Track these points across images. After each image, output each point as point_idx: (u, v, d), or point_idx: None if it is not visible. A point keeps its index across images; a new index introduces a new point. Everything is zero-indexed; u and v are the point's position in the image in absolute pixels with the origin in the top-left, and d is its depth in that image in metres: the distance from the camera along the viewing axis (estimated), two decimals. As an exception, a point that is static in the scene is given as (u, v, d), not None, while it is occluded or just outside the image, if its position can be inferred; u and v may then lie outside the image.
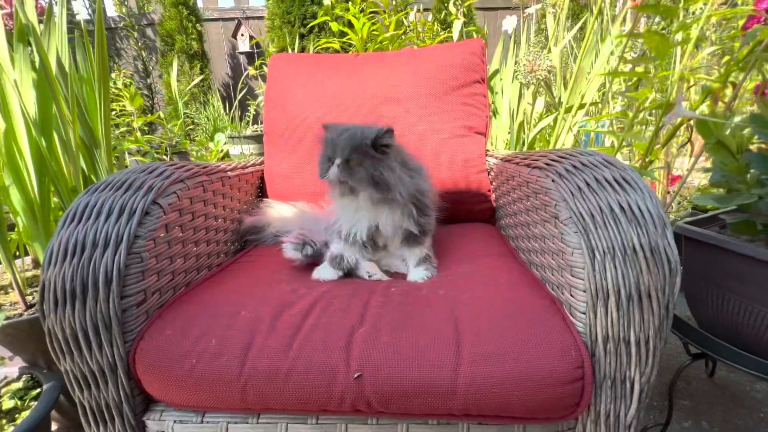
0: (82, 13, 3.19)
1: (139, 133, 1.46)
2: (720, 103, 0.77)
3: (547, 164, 0.62)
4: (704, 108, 0.82)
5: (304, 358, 0.50)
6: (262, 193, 1.06)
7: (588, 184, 0.53)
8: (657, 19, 1.12)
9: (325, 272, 0.71)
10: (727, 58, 0.77)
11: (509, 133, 1.54)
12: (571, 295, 0.52)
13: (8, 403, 0.72)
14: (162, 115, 1.88)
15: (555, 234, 0.57)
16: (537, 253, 0.67)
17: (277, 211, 0.97)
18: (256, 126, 2.86)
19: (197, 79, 2.90)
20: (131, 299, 0.54)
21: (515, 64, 1.43)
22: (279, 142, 1.04)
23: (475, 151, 0.98)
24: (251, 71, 2.54)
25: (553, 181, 0.59)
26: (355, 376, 0.48)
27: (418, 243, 0.73)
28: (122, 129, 1.47)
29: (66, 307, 0.50)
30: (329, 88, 1.02)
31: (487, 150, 1.03)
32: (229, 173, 0.85)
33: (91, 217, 0.54)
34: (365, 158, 0.63)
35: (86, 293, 0.50)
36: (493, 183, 0.98)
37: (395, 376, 0.48)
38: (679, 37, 0.80)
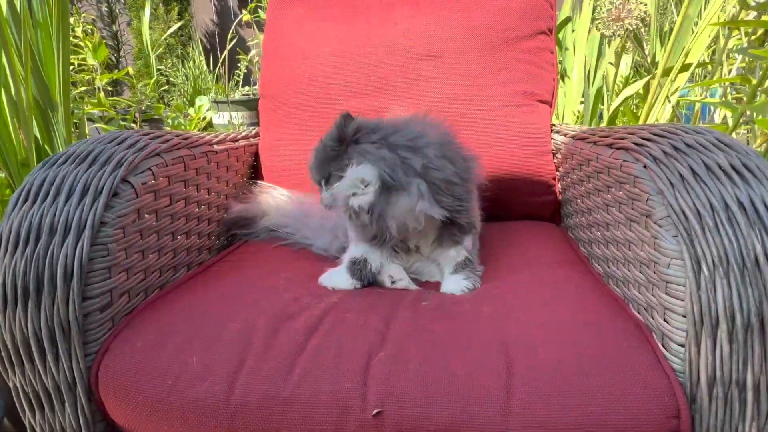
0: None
1: (102, 95, 1.51)
2: None
3: (637, 144, 0.61)
4: None
5: (309, 386, 0.51)
6: (255, 173, 1.08)
7: (694, 172, 0.52)
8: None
9: (338, 280, 0.72)
10: None
11: (582, 102, 1.51)
12: (665, 321, 0.51)
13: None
14: (131, 72, 1.94)
15: (645, 238, 0.56)
16: (618, 263, 0.65)
17: (274, 198, 0.98)
18: (247, 88, 2.91)
19: (175, 26, 2.97)
20: (95, 302, 0.56)
21: (594, 10, 1.39)
22: (279, 109, 1.05)
23: (537, 124, 0.97)
24: (245, 16, 2.58)
25: (644, 166, 0.57)
26: (374, 413, 0.48)
27: (455, 242, 0.73)
28: (81, 88, 1.52)
29: (17, 307, 0.53)
30: (346, 39, 1.02)
31: (553, 125, 1.02)
32: (216, 147, 0.87)
33: (48, 197, 0.56)
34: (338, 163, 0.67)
35: (41, 291, 0.53)
36: (560, 169, 0.96)
37: (425, 414, 0.48)
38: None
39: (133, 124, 1.68)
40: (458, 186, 0.70)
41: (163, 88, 2.83)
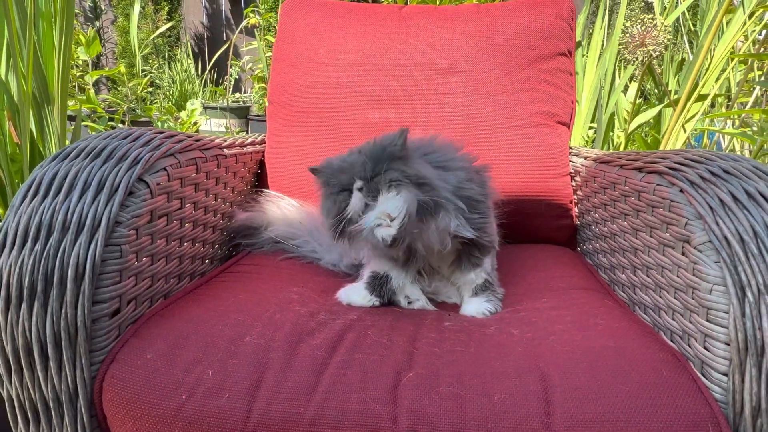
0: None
1: (92, 92, 1.50)
2: None
3: (671, 168, 0.63)
4: None
5: (335, 405, 0.50)
6: (259, 181, 1.08)
7: (735, 198, 0.54)
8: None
9: (357, 296, 0.72)
10: None
11: (591, 128, 1.56)
12: (706, 348, 0.53)
13: None
14: (123, 70, 1.93)
15: (682, 264, 0.58)
16: (647, 289, 0.67)
17: (280, 208, 0.99)
18: (238, 95, 2.92)
19: (164, 27, 2.98)
20: (104, 306, 0.55)
21: (607, 35, 1.45)
22: (289, 116, 1.06)
23: (556, 146, 0.99)
24: (251, 20, 2.60)
25: (681, 191, 0.60)
26: (406, 435, 0.48)
27: (475, 263, 0.74)
28: (70, 84, 1.51)
29: (21, 309, 0.51)
30: (364, 48, 1.04)
31: (570, 147, 1.05)
32: (226, 152, 0.87)
33: (61, 192, 0.55)
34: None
35: (49, 292, 0.52)
36: (578, 192, 0.99)
37: (460, 439, 0.48)
38: None
39: (120, 125, 1.67)
40: (482, 203, 0.72)
41: (146, 90, 2.82)
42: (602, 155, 0.88)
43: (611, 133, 1.50)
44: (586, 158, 0.96)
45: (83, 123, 1.38)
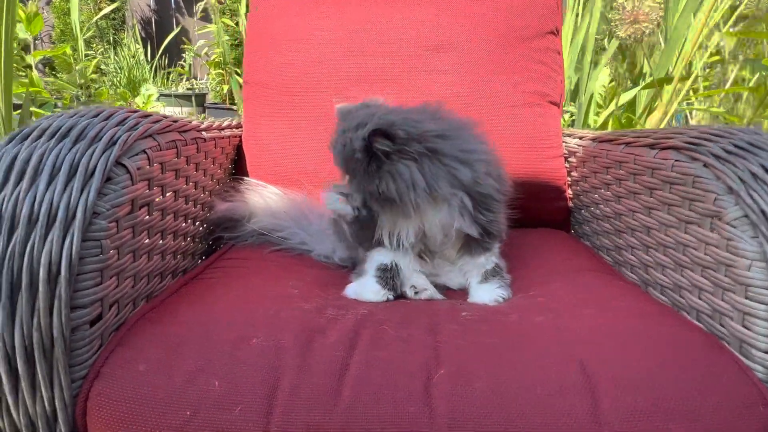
0: None
1: (36, 74, 1.34)
2: None
3: (690, 143, 0.61)
4: None
5: (363, 411, 0.45)
6: (237, 169, 0.99)
7: (767, 171, 0.52)
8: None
9: (368, 292, 0.66)
10: None
11: (567, 111, 1.55)
12: (745, 327, 0.51)
13: None
14: (69, 51, 1.75)
15: (711, 240, 0.56)
16: (665, 269, 0.65)
17: (263, 198, 0.91)
18: (192, 82, 2.75)
19: (107, 8, 2.76)
20: (84, 312, 0.47)
21: (577, 17, 1.44)
22: (267, 96, 0.98)
23: (549, 126, 0.97)
24: None
25: (705, 166, 0.58)
26: (449, 438, 0.44)
27: (484, 249, 0.71)
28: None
29: (-19, 319, 0.42)
30: (345, 24, 0.97)
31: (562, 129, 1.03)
32: (204, 134, 0.78)
33: (24, 179, 0.46)
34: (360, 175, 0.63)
35: (16, 298, 0.43)
36: (573, 173, 0.97)
37: (506, 437, 0.44)
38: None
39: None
40: (497, 202, 0.68)
41: (91, 76, 2.61)
42: (602, 134, 0.86)
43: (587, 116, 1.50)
44: (581, 138, 0.94)
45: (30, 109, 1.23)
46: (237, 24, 2.59)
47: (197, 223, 0.78)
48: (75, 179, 0.47)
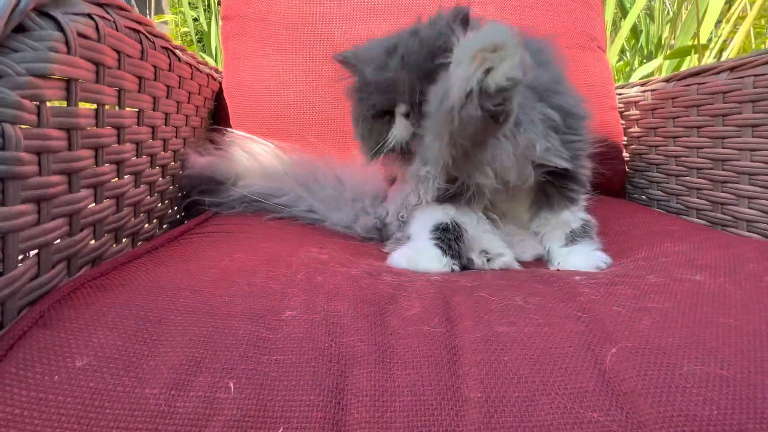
0: None
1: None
2: None
3: None
4: None
5: (516, 416, 0.24)
6: (214, 119, 0.76)
7: None
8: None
9: (427, 260, 0.45)
10: None
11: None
12: None
13: None
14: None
15: None
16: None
17: (254, 156, 0.69)
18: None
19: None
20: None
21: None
22: (252, 32, 0.77)
23: (602, 73, 0.81)
24: None
25: None
26: None
27: (569, 201, 0.52)
28: None
29: None
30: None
31: (609, 81, 0.87)
32: (179, 53, 0.56)
33: None
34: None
35: None
36: (632, 130, 0.80)
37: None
38: None
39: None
40: (581, 120, 0.51)
41: None
42: (679, 73, 0.70)
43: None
44: (644, 86, 0.77)
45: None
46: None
47: (167, 177, 0.55)
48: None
